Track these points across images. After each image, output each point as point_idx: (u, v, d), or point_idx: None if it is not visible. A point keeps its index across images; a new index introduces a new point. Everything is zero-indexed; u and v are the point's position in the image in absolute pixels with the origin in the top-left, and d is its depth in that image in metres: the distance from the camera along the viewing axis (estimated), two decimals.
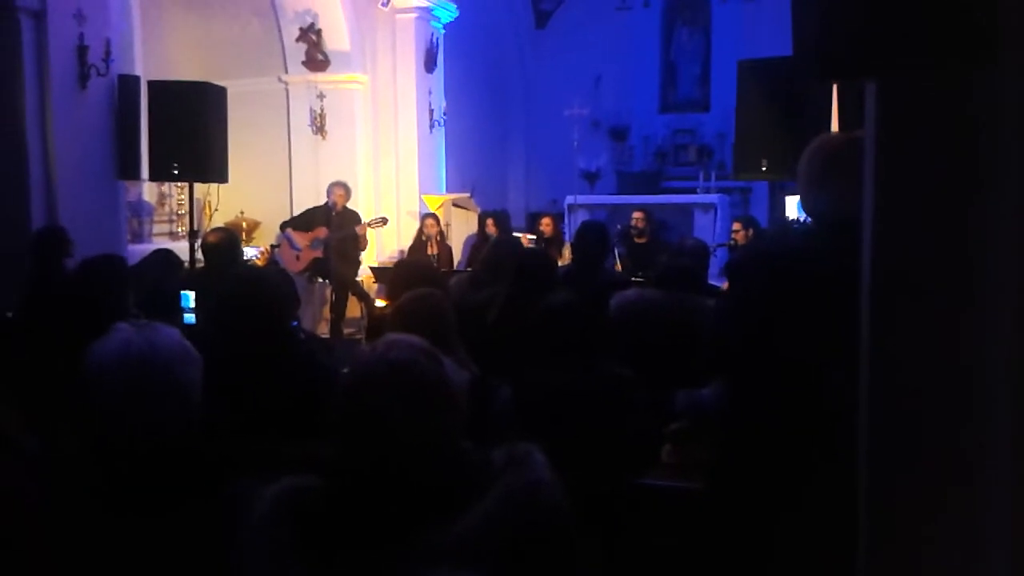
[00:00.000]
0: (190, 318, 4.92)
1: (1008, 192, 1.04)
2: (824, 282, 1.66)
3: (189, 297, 5.12)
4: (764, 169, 5.89)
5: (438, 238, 8.97)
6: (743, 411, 1.93)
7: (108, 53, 6.62)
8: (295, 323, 3.20)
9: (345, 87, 10.32)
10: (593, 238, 4.89)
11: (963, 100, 1.02)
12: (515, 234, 9.03)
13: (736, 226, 8.23)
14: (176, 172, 6.97)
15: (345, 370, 1.73)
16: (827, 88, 5.25)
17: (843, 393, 1.27)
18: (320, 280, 8.74)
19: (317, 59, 10.15)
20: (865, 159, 1.22)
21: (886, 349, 1.15)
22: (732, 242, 8.15)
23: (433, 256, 8.66)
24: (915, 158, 1.08)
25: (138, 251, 7.05)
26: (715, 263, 7.82)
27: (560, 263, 7.27)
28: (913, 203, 1.09)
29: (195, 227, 7.42)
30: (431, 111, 10.87)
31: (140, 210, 8.79)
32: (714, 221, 11.28)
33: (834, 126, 5.05)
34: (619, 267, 7.90)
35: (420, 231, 9.08)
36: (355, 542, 1.54)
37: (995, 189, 1.06)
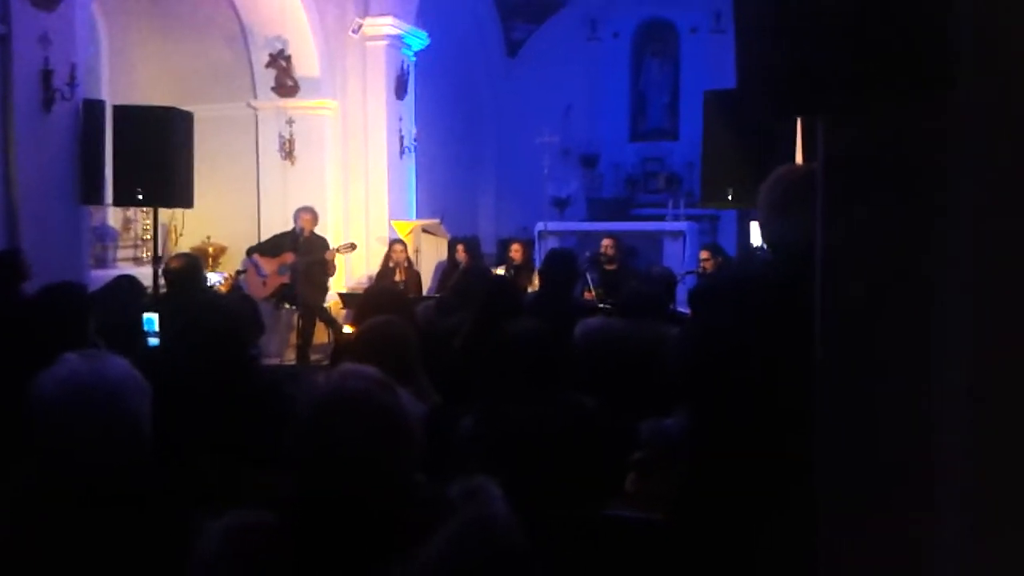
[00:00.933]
0: (154, 341, 4.85)
1: (960, 218, 1.04)
2: (784, 310, 1.67)
3: (153, 320, 5.05)
4: (730, 198, 5.93)
5: (405, 264, 8.92)
6: (706, 440, 1.92)
7: (73, 78, 6.56)
8: (254, 351, 3.15)
9: (314, 113, 10.31)
10: (560, 265, 4.89)
11: (909, 132, 1.02)
12: (488, 267, 9.02)
13: (704, 254, 8.28)
14: (140, 197, 6.91)
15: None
16: (791, 119, 5.32)
17: (807, 420, 1.27)
18: (287, 306, 8.67)
19: (287, 85, 10.13)
20: (816, 189, 1.22)
21: (837, 376, 1.15)
22: (700, 269, 8.20)
23: (401, 283, 8.60)
24: (864, 188, 1.08)
25: (101, 276, 6.95)
26: (683, 290, 7.86)
27: (531, 290, 7.26)
28: (862, 232, 1.10)
29: (160, 252, 7.34)
30: (401, 137, 10.87)
31: (104, 235, 8.69)
32: (683, 248, 11.34)
33: (799, 157, 5.11)
34: (590, 294, 7.90)
35: (387, 257, 9.03)
36: None
37: (946, 216, 1.06)
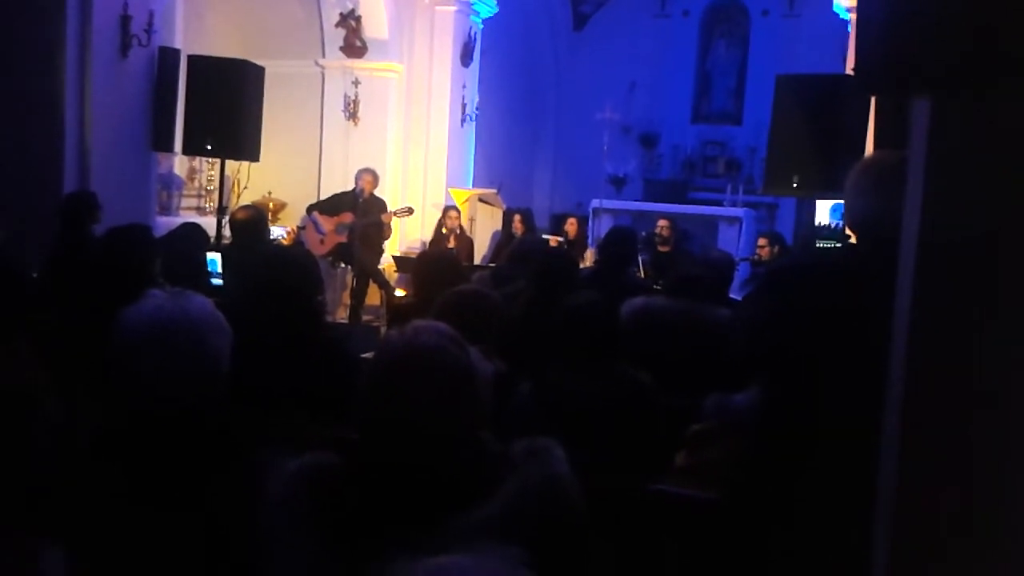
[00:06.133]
0: (217, 282, 4.99)
1: None
2: (869, 295, 1.66)
3: (216, 262, 5.17)
4: (795, 185, 5.87)
5: (458, 231, 8.95)
6: (779, 419, 1.92)
7: (151, 24, 6.67)
8: (320, 303, 3.22)
9: (380, 75, 10.36)
10: (620, 242, 4.89)
11: (1017, 121, 1.02)
12: (543, 236, 9.03)
13: (762, 242, 8.20)
14: (209, 148, 7.02)
15: (367, 355, 1.74)
16: (864, 108, 5.24)
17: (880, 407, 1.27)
18: (342, 265, 8.77)
19: (355, 45, 10.20)
20: (910, 176, 1.22)
21: (921, 366, 1.15)
22: (756, 257, 8.12)
23: (453, 250, 8.64)
24: (964, 177, 1.08)
25: (165, 223, 7.10)
26: (736, 277, 7.80)
27: (581, 266, 7.27)
28: (958, 222, 1.09)
29: (223, 203, 7.47)
30: (464, 105, 10.89)
31: (170, 183, 8.85)
32: (739, 235, 11.22)
33: (869, 147, 5.03)
34: (642, 274, 7.89)
35: (441, 223, 9.07)
36: (371, 523, 1.55)
37: None
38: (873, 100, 4.75)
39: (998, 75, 0.96)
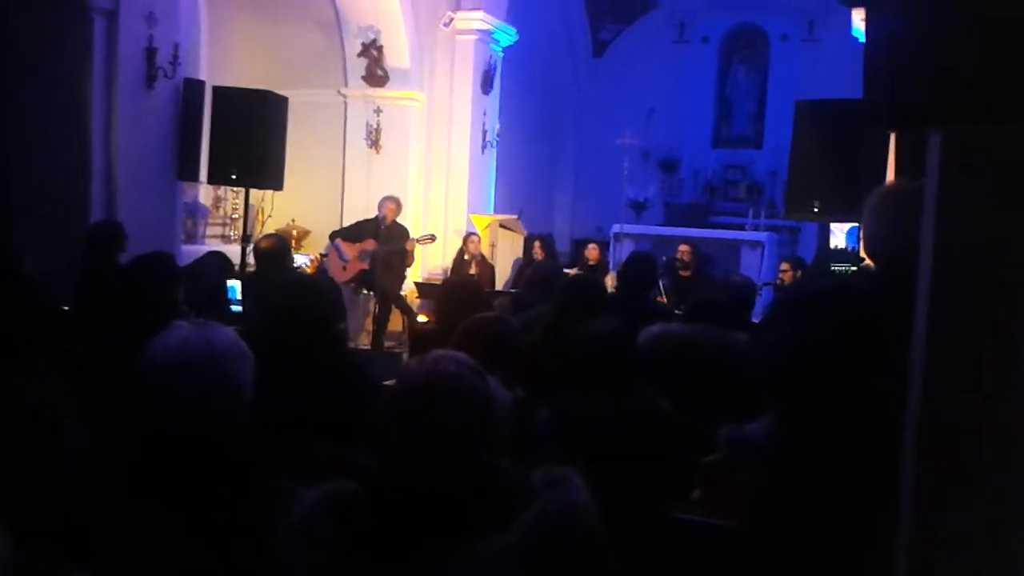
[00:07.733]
0: (236, 309, 5.05)
1: None
2: (887, 323, 1.66)
3: (235, 289, 5.24)
4: (816, 210, 5.86)
5: (479, 257, 8.99)
6: (794, 448, 1.91)
7: (176, 56, 6.80)
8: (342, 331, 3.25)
9: (402, 103, 10.47)
10: (640, 268, 4.89)
11: None
12: (563, 268, 9.03)
13: (784, 266, 8.19)
14: (234, 177, 7.11)
15: (389, 382, 1.76)
16: (884, 133, 5.23)
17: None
18: (365, 292, 8.82)
19: (377, 74, 10.31)
20: (925, 207, 1.23)
21: (938, 391, 1.15)
22: (779, 281, 8.11)
23: (475, 276, 8.68)
24: (976, 210, 1.09)
25: (191, 252, 7.19)
26: (759, 302, 7.78)
27: None
28: (970, 255, 1.10)
29: (247, 232, 7.55)
30: (484, 132, 10.97)
31: (195, 212, 8.96)
32: (761, 259, 11.19)
33: (890, 172, 5.02)
34: (663, 299, 7.88)
35: (462, 250, 9.11)
36: (391, 551, 1.56)
37: None
38: None
39: (1006, 106, 0.97)
